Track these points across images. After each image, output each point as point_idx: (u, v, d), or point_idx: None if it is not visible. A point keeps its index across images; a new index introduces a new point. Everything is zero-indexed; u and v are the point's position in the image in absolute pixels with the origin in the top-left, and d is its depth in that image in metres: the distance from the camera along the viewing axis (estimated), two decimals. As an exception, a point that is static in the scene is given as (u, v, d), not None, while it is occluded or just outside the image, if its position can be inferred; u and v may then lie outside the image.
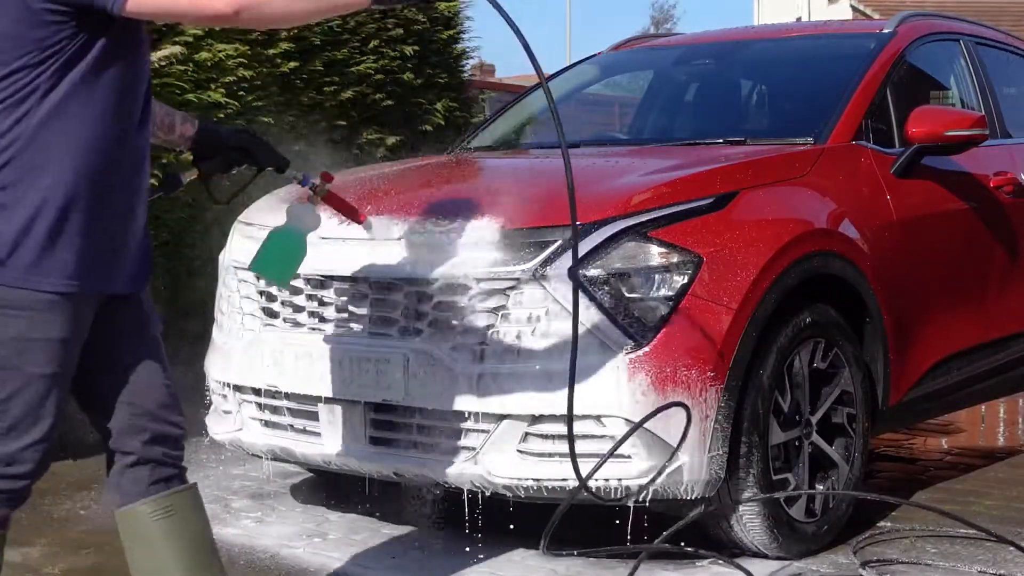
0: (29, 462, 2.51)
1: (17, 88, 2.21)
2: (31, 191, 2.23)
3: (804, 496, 3.51)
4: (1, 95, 2.22)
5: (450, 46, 6.63)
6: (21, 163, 2.23)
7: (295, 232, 3.03)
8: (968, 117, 4.10)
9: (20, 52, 2.20)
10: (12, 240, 2.24)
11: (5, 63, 2.21)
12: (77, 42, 2.23)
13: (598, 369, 3.17)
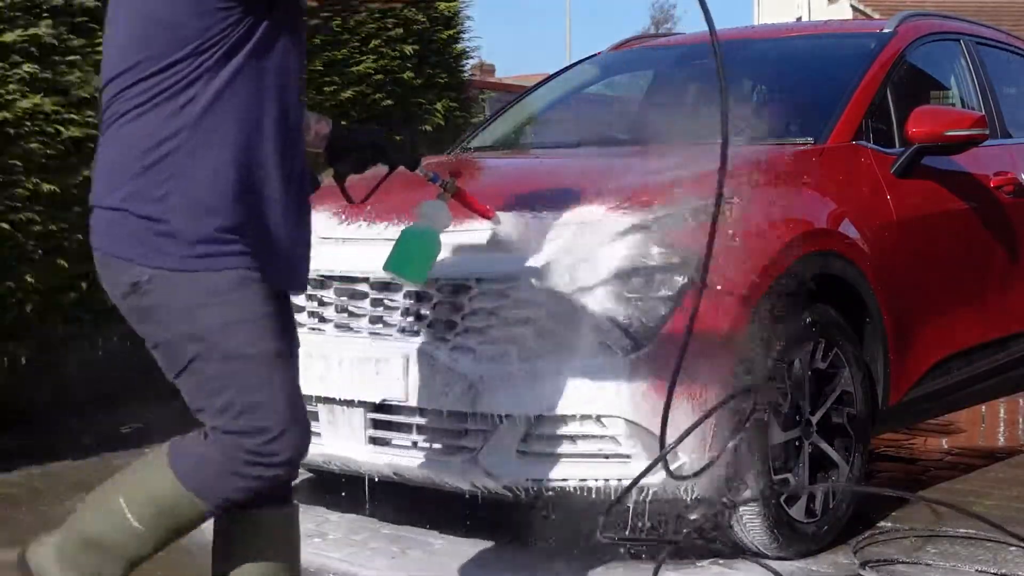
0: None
1: (180, 78, 2.15)
2: (197, 179, 2.17)
3: (804, 496, 3.51)
4: (163, 84, 2.15)
5: (450, 46, 6.63)
6: (185, 152, 2.16)
7: (429, 230, 2.98)
8: (968, 117, 4.10)
9: (183, 42, 2.15)
10: (194, 228, 2.17)
11: (165, 54, 2.15)
12: (241, 28, 2.18)
13: (598, 369, 3.17)
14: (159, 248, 2.16)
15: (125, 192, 2.17)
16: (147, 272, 2.16)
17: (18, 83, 4.50)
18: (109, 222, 2.20)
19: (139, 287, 2.18)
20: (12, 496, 4.21)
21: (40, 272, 4.62)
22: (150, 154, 2.16)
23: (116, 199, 2.18)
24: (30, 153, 4.51)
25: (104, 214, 2.21)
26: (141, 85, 2.17)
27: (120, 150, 2.19)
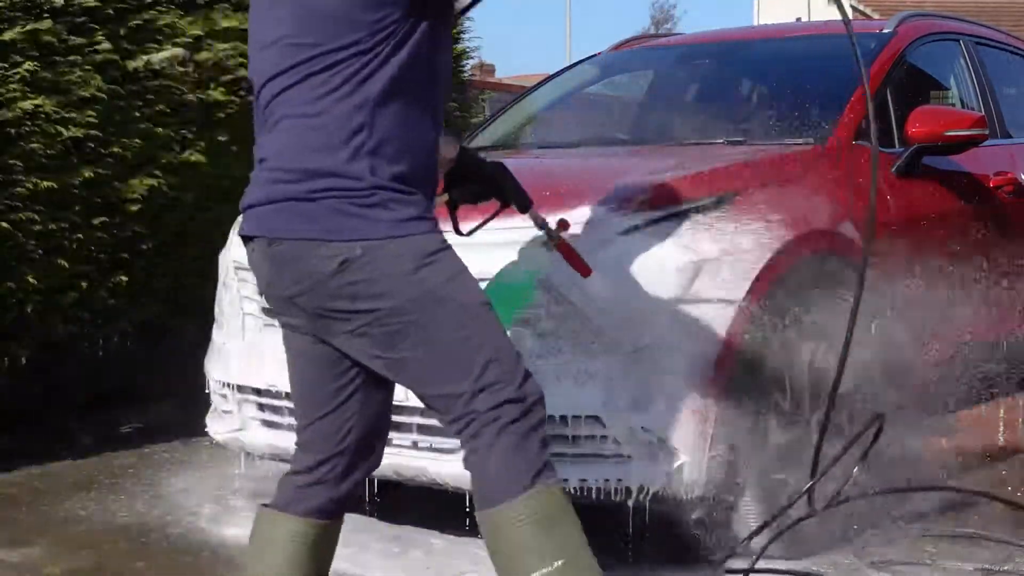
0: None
1: (350, 74, 2.15)
2: (391, 156, 2.19)
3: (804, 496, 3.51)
4: (339, 77, 2.15)
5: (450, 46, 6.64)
6: (376, 134, 2.17)
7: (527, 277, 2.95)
8: (968, 117, 4.10)
9: (352, 36, 2.14)
10: (398, 198, 2.18)
11: (339, 47, 2.15)
12: (407, 24, 2.18)
13: (598, 369, 3.17)
14: (368, 220, 2.14)
15: (321, 178, 2.14)
16: (357, 247, 2.13)
17: (18, 83, 4.50)
18: (302, 211, 2.14)
19: (350, 263, 2.13)
20: (12, 496, 4.21)
21: (40, 272, 4.62)
22: (339, 141, 2.14)
23: (309, 187, 2.14)
24: (30, 153, 4.51)
25: (293, 205, 2.15)
26: (314, 79, 2.16)
27: (302, 141, 2.16)
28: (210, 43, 5.19)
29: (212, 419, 4.00)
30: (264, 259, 2.22)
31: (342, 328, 2.18)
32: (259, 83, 2.24)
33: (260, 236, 2.20)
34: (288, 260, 2.18)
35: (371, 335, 2.17)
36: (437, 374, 2.18)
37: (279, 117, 2.20)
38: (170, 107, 5.03)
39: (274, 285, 2.24)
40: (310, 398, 2.33)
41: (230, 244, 4.01)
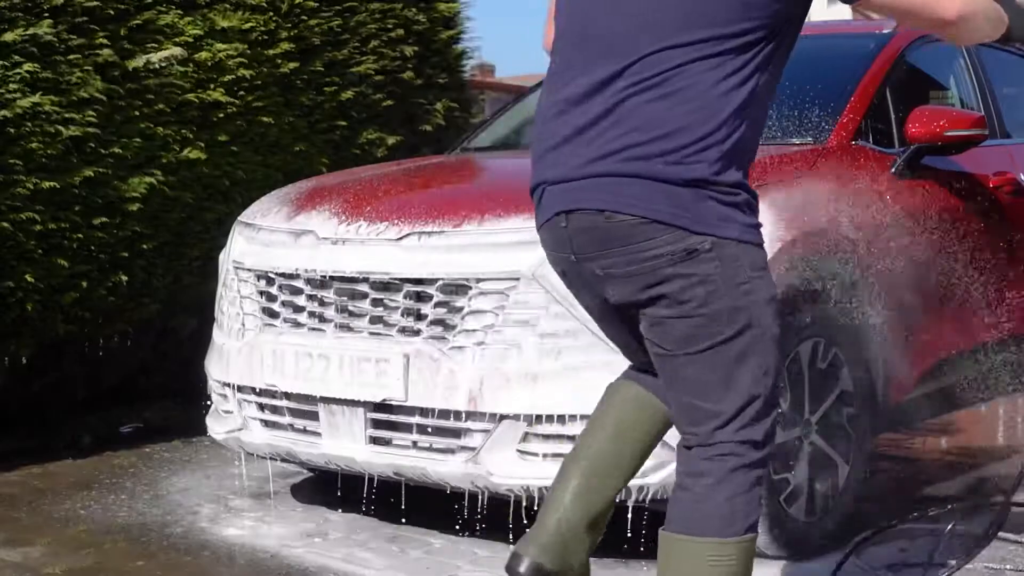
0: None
1: (748, 59, 2.10)
2: (751, 155, 2.20)
3: (804, 496, 3.51)
4: (732, 64, 2.09)
5: (450, 46, 6.63)
6: (747, 128, 2.14)
7: None
8: (968, 117, 4.10)
9: (753, 21, 2.09)
10: (753, 202, 2.17)
11: (736, 33, 2.09)
12: (783, 20, 2.15)
13: (598, 368, 3.17)
14: (726, 218, 2.09)
15: (695, 163, 2.07)
16: (708, 240, 2.07)
17: (18, 83, 4.50)
18: (665, 191, 2.06)
19: (696, 255, 2.07)
20: (12, 496, 4.21)
21: (40, 272, 4.62)
22: (718, 128, 2.08)
23: (684, 171, 2.07)
24: (30, 153, 4.51)
25: (653, 184, 2.07)
26: (705, 63, 2.08)
27: (679, 119, 2.07)
28: (210, 43, 5.19)
29: (212, 419, 4.00)
30: (582, 231, 2.13)
31: (648, 309, 2.12)
32: (645, 52, 2.10)
33: (587, 209, 2.10)
34: (620, 236, 2.10)
35: (671, 327, 2.12)
36: (707, 386, 2.13)
37: (632, 92, 2.09)
38: (170, 107, 5.03)
39: (585, 256, 2.15)
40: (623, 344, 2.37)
41: (230, 244, 4.01)
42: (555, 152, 2.17)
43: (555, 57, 2.28)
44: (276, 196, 4.14)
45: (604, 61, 2.14)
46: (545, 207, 2.21)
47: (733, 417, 2.11)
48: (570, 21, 2.25)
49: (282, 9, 5.54)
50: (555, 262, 2.29)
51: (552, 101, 2.22)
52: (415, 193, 3.79)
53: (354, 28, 5.92)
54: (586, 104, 2.14)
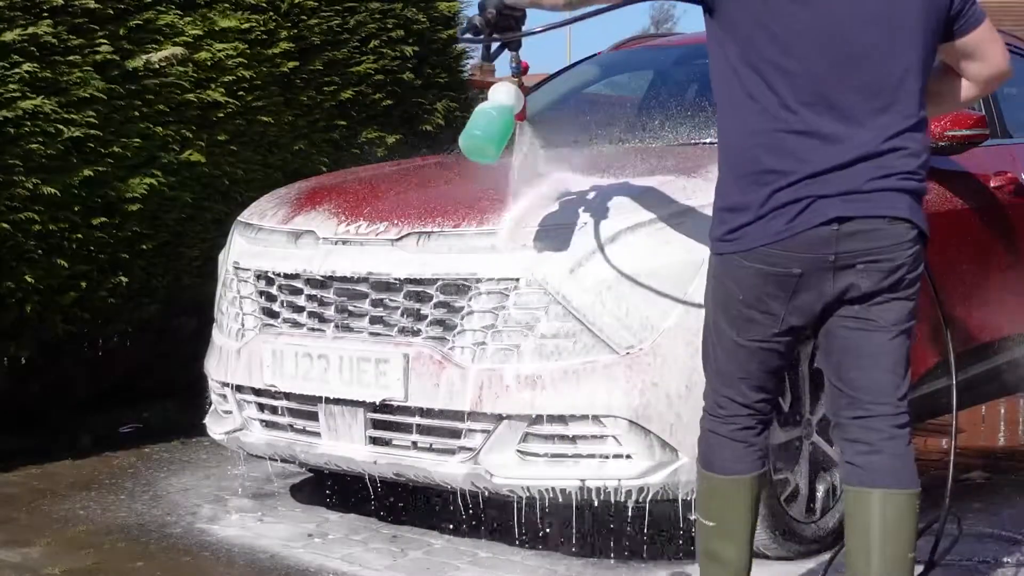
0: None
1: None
2: None
3: (804, 496, 3.51)
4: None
5: (450, 46, 6.63)
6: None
7: (509, 108, 3.15)
8: (968, 117, 4.09)
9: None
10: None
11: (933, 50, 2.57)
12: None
13: (598, 368, 3.17)
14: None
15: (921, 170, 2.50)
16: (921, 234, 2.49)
17: (18, 83, 4.49)
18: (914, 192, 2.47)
19: (919, 249, 2.48)
20: (12, 496, 4.21)
21: (40, 272, 4.62)
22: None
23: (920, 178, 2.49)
24: (30, 153, 4.51)
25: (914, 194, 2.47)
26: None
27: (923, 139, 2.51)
28: (210, 43, 5.19)
29: (212, 419, 4.00)
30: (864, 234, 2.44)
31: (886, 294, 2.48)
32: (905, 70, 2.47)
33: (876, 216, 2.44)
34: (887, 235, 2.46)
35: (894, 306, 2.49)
36: (899, 361, 2.51)
37: (890, 105, 2.46)
38: (169, 107, 5.02)
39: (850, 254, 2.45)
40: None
41: (230, 244, 4.01)
42: None
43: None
44: (275, 196, 4.14)
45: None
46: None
47: (906, 392, 2.51)
48: None
49: (282, 9, 5.54)
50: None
51: None
52: (415, 193, 3.79)
53: (354, 28, 5.91)
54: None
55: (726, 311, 2.54)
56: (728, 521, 2.60)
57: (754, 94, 2.47)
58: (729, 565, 2.61)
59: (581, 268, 3.21)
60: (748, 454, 2.59)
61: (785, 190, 2.43)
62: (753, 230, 2.46)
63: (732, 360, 2.56)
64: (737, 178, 2.49)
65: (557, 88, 5.13)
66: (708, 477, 2.62)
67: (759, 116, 2.46)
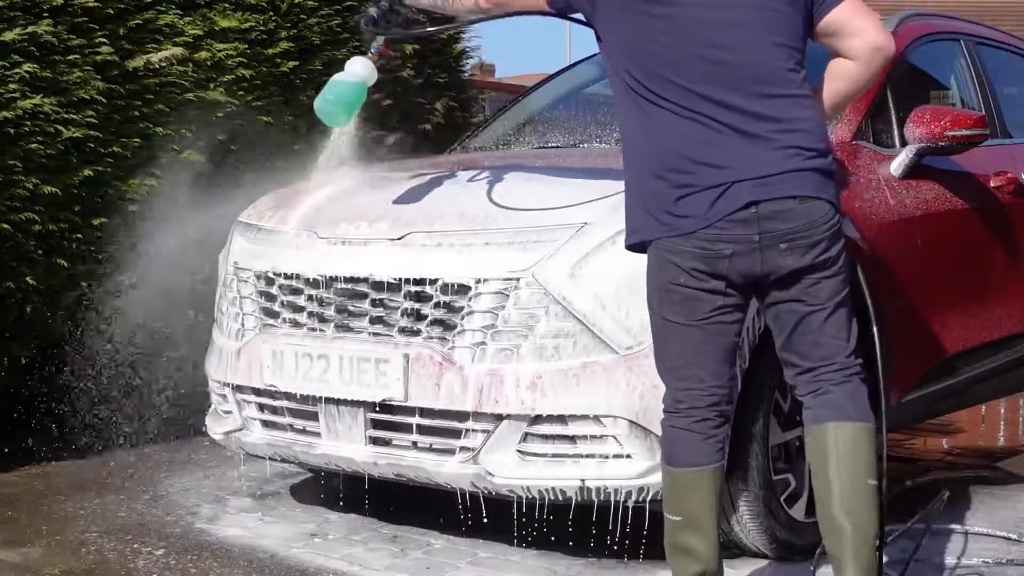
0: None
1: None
2: None
3: (804, 496, 3.51)
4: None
5: (450, 46, 6.63)
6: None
7: (362, 82, 3.51)
8: (968, 117, 4.09)
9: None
10: None
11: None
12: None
13: (598, 369, 3.17)
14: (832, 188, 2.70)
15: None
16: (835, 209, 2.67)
17: (18, 83, 4.49)
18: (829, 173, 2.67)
19: (836, 223, 2.66)
20: (12, 496, 4.21)
21: (40, 272, 4.62)
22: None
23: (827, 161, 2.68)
24: (30, 153, 4.51)
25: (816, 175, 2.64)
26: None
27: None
28: (210, 43, 5.19)
29: (212, 419, 4.00)
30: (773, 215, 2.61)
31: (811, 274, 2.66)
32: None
33: (787, 197, 2.61)
34: (807, 208, 2.63)
35: (835, 282, 2.69)
36: (841, 327, 2.71)
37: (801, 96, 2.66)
38: (170, 107, 5.02)
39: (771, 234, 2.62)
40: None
41: (230, 244, 4.01)
42: None
43: None
44: (275, 196, 4.14)
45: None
46: None
47: (855, 343, 2.72)
48: None
49: (281, 8, 5.54)
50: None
51: None
52: (415, 193, 3.78)
53: (354, 28, 5.91)
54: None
55: (670, 300, 2.67)
56: (692, 514, 2.71)
57: (652, 100, 2.64)
58: (698, 555, 2.70)
59: (581, 268, 3.21)
60: (707, 445, 2.70)
61: (701, 176, 2.60)
62: (677, 220, 2.62)
63: (685, 347, 2.68)
64: (654, 174, 2.64)
65: (557, 88, 5.13)
66: (670, 471, 2.74)
67: (664, 120, 2.63)
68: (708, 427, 2.70)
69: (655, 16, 2.63)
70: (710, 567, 2.70)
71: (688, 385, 2.69)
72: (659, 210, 2.63)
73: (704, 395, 2.69)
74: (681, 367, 2.69)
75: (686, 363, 2.68)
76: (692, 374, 2.68)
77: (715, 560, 2.71)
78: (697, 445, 2.70)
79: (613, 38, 2.71)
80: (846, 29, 2.72)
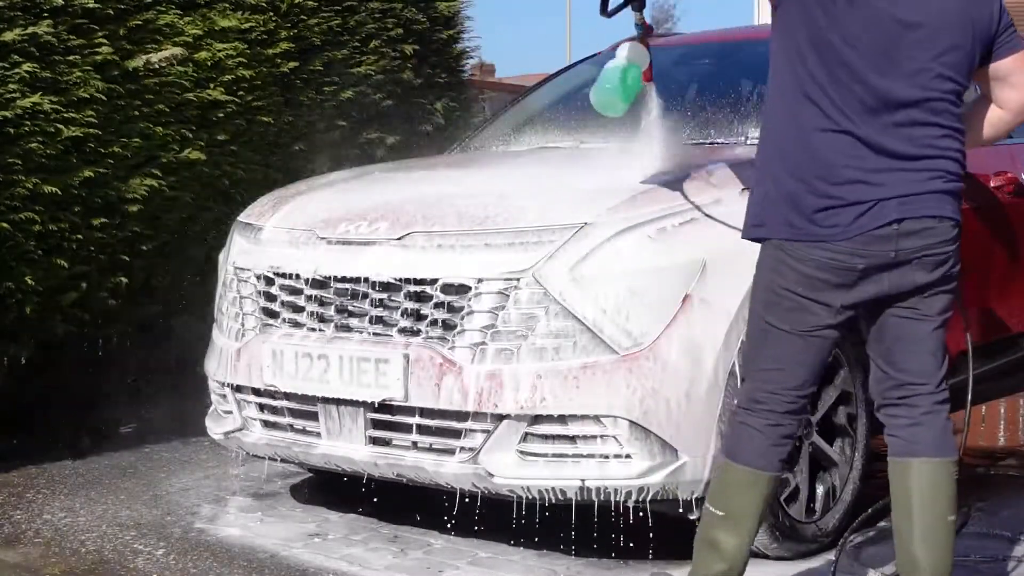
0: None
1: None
2: None
3: (804, 496, 3.51)
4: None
5: (450, 46, 6.63)
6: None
7: (636, 66, 3.35)
8: (968, 117, 4.08)
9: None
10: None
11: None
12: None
13: (598, 369, 3.17)
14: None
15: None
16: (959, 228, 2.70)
17: (18, 83, 4.50)
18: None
19: (959, 241, 2.70)
20: (12, 496, 4.21)
21: (40, 272, 4.62)
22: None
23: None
24: (29, 153, 4.51)
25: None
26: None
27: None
28: (210, 43, 5.19)
29: (212, 419, 4.00)
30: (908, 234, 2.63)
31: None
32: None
33: (927, 216, 2.63)
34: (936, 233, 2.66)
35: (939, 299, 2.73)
36: (941, 345, 2.76)
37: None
38: (169, 107, 5.03)
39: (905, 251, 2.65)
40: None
41: (230, 244, 4.01)
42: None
43: None
44: (275, 196, 4.14)
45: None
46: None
47: (947, 370, 2.79)
48: None
49: (282, 9, 5.54)
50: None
51: None
52: (415, 193, 3.78)
53: (354, 28, 5.92)
54: None
55: (778, 305, 2.67)
56: (737, 513, 2.71)
57: (812, 96, 2.62)
58: (727, 555, 2.70)
59: (581, 268, 3.21)
60: (773, 452, 2.71)
61: (847, 189, 2.61)
62: (814, 227, 2.62)
63: (782, 354, 2.68)
64: (795, 176, 2.63)
65: (557, 88, 5.13)
66: (729, 466, 2.73)
67: (817, 117, 2.62)
68: (779, 433, 2.70)
69: (845, 31, 2.60)
70: (735, 569, 2.71)
71: (773, 389, 2.69)
72: (793, 212, 2.62)
73: (785, 401, 2.69)
74: (771, 371, 2.69)
75: (778, 368, 2.68)
76: (780, 380, 2.69)
77: (742, 564, 2.72)
78: (764, 448, 2.70)
79: (803, 32, 2.64)
80: (1010, 79, 2.74)
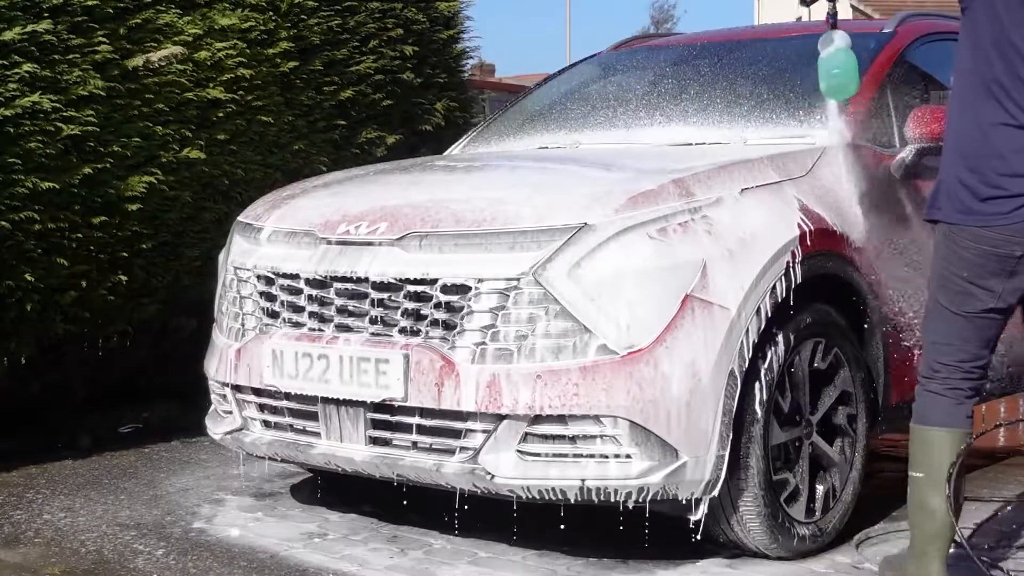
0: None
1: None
2: None
3: (804, 496, 3.52)
4: None
5: (450, 46, 6.62)
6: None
7: (848, 49, 3.76)
8: (968, 117, 4.08)
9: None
10: None
11: None
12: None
13: (597, 369, 3.17)
14: None
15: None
16: None
17: (18, 82, 4.49)
18: None
19: None
20: (12, 496, 4.21)
21: (40, 271, 4.62)
22: None
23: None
24: (29, 152, 4.51)
25: None
26: None
27: None
28: (209, 42, 5.19)
29: (212, 419, 4.00)
30: None
31: None
32: None
33: None
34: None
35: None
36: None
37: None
38: (169, 106, 5.03)
39: None
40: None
41: (230, 244, 4.01)
42: None
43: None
44: (275, 196, 4.14)
45: None
46: None
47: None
48: None
49: (281, 8, 5.54)
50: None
51: None
52: (415, 193, 3.78)
53: (354, 28, 5.91)
54: None
55: (947, 288, 2.94)
56: (936, 472, 2.96)
57: (994, 92, 2.90)
58: (936, 514, 2.96)
59: (581, 268, 3.21)
60: (960, 410, 2.98)
61: (1013, 181, 2.81)
62: (977, 214, 2.85)
63: (951, 331, 2.96)
64: (968, 167, 2.87)
65: (557, 88, 5.13)
66: (921, 430, 3.03)
67: (997, 112, 2.88)
68: (961, 395, 2.98)
69: None
70: (947, 526, 2.95)
71: (947, 360, 2.97)
72: (963, 199, 2.87)
73: (961, 371, 2.97)
74: (943, 344, 2.97)
75: (948, 343, 2.96)
76: (951, 353, 2.96)
77: (951, 523, 2.95)
78: (951, 408, 2.97)
79: (988, 33, 2.97)
80: None
